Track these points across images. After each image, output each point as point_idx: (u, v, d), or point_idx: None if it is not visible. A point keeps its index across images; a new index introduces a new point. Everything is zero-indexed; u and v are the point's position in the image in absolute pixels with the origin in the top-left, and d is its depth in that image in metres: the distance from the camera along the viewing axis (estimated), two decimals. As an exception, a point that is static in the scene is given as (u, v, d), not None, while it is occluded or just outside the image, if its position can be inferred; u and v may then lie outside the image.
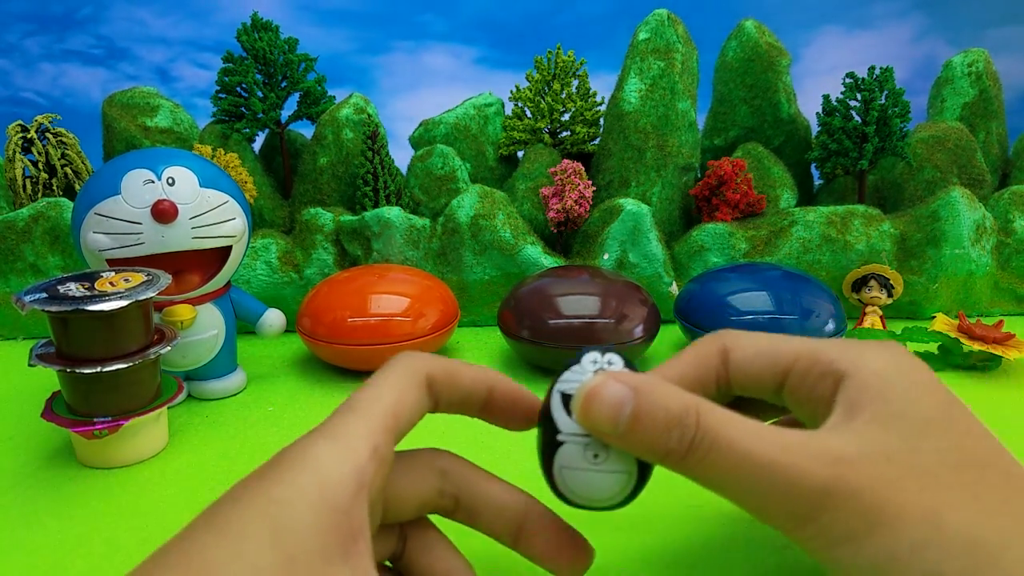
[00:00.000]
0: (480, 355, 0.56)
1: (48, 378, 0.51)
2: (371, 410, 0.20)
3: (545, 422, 0.23)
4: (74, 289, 0.36)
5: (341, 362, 0.50)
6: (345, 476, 0.18)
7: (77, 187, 0.63)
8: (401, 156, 0.70)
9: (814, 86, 0.69)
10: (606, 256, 0.60)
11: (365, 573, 0.17)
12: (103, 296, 0.35)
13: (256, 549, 0.16)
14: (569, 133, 0.72)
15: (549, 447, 0.22)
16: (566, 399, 0.22)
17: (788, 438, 0.20)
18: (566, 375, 0.23)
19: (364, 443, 0.19)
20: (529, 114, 0.73)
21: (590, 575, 0.25)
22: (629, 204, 0.60)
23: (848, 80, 0.64)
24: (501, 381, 0.24)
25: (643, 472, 0.22)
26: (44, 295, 0.35)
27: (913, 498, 0.18)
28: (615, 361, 0.23)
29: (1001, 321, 0.50)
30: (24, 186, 0.63)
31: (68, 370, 0.35)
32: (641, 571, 0.29)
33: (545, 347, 0.47)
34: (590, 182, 0.63)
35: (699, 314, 0.50)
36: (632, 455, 0.22)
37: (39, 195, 0.63)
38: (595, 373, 0.22)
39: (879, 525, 0.18)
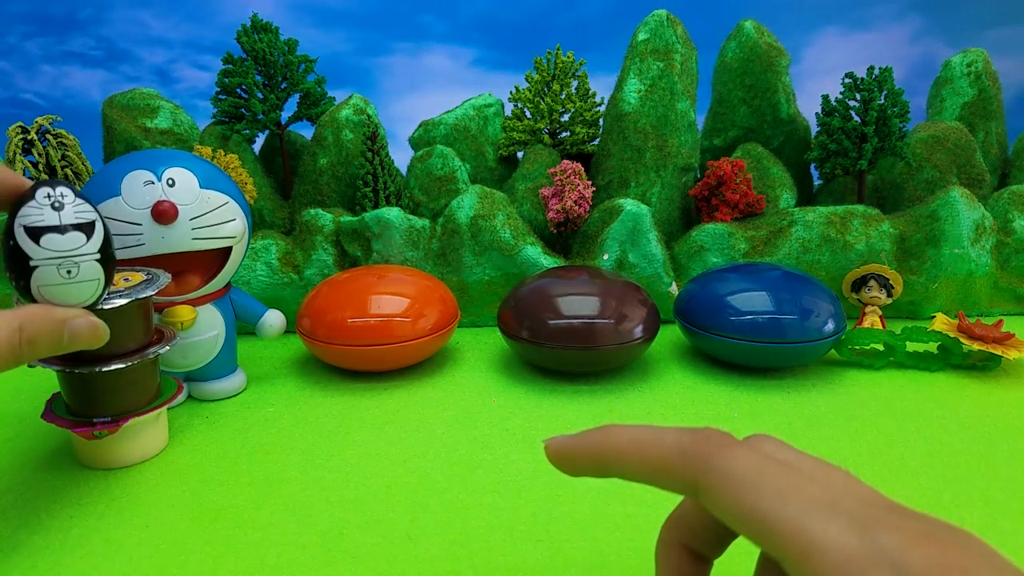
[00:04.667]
0: (480, 355, 0.56)
1: (48, 379, 0.51)
2: None
3: (13, 252, 0.27)
4: (74, 290, 0.36)
5: (341, 363, 0.50)
6: None
7: (77, 188, 0.63)
8: (401, 157, 0.70)
9: (813, 86, 0.70)
10: (606, 256, 0.60)
11: None
12: (103, 297, 0.35)
13: None
14: (569, 134, 0.72)
15: (23, 272, 0.27)
16: (30, 231, 0.27)
17: None
18: (24, 210, 0.27)
19: None
20: (529, 115, 0.73)
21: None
22: (629, 204, 0.60)
23: (847, 80, 0.64)
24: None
25: (108, 276, 0.29)
26: (44, 296, 0.35)
27: None
28: (67, 193, 0.28)
29: (1000, 321, 0.50)
30: (24, 187, 0.63)
31: (67, 370, 0.35)
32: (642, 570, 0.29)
33: (545, 347, 0.47)
34: (590, 182, 0.64)
35: (699, 314, 0.50)
36: (100, 265, 0.29)
37: (39, 196, 0.63)
38: (51, 206, 0.27)
39: None
